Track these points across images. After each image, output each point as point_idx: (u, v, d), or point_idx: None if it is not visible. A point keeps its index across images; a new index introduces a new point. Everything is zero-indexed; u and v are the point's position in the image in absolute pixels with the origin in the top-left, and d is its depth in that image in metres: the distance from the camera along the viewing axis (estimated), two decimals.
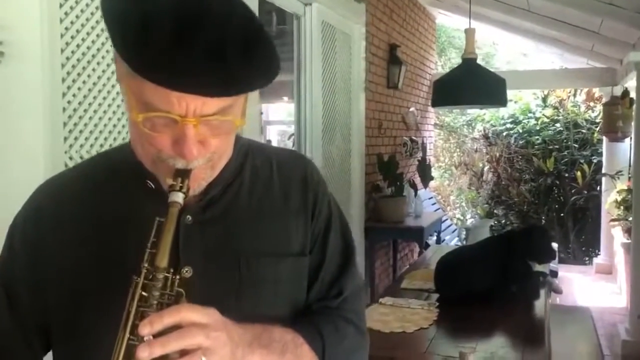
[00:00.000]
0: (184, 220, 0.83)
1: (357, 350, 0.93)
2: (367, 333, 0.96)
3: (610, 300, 5.41)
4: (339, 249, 0.93)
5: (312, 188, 0.92)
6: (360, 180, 4.35)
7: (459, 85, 2.78)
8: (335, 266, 0.92)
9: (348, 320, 0.90)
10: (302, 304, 0.90)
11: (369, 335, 0.97)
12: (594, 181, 7.10)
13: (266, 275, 0.86)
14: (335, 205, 0.96)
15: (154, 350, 0.65)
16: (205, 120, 0.73)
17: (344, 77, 4.03)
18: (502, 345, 1.93)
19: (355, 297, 0.94)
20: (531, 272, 2.53)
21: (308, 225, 0.90)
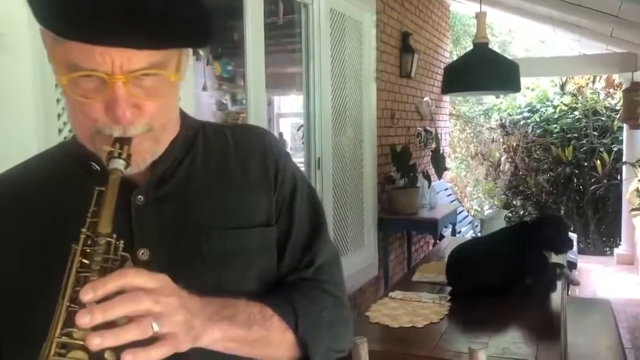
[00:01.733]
0: (135, 201, 0.81)
1: (339, 322, 0.88)
2: (349, 306, 0.92)
3: (632, 291, 5.28)
4: (307, 216, 0.90)
5: (272, 158, 0.89)
6: (373, 172, 4.27)
7: (470, 70, 2.69)
8: (304, 234, 0.89)
9: (325, 291, 0.86)
10: (273, 277, 0.87)
11: (351, 311, 0.93)
12: (614, 170, 6.94)
13: (230, 249, 0.83)
14: (299, 174, 0.93)
15: (95, 316, 0.60)
16: (135, 78, 0.71)
17: (355, 66, 3.95)
18: (515, 341, 1.85)
19: (332, 266, 0.90)
20: (547, 264, 2.44)
21: (271, 194, 0.87)
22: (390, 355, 1.73)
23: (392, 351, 1.81)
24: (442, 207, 4.91)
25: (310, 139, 3.48)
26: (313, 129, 3.47)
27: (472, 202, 8.80)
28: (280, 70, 6.00)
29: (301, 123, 3.71)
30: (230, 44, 3.62)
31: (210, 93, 6.27)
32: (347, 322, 0.91)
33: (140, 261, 0.77)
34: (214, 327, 0.70)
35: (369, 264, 4.24)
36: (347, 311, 0.91)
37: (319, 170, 3.48)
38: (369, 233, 4.23)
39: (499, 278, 2.33)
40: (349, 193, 3.89)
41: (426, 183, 4.79)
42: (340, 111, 3.71)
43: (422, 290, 2.46)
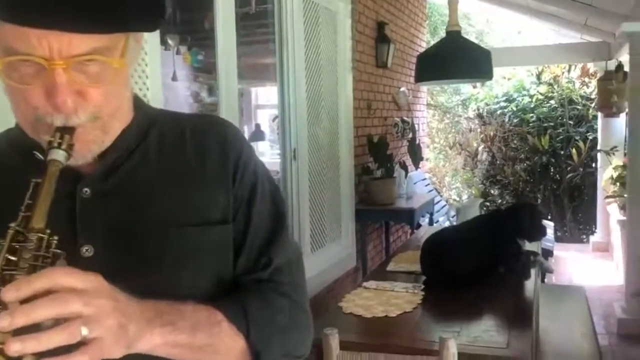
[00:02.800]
0: (80, 194, 0.76)
1: (296, 327, 0.83)
2: (308, 310, 0.87)
3: (607, 278, 5.35)
4: (267, 215, 0.85)
5: (231, 152, 0.84)
6: (350, 162, 4.25)
7: (443, 59, 2.67)
8: (263, 233, 0.84)
9: (282, 294, 0.82)
10: (228, 277, 0.82)
11: (311, 315, 0.87)
12: (590, 158, 7.02)
13: (181, 247, 0.78)
14: (262, 170, 0.88)
15: (16, 319, 0.55)
16: (78, 64, 0.67)
17: (330, 56, 3.91)
18: (487, 329, 1.85)
19: (291, 267, 0.85)
20: (521, 252, 2.45)
21: (229, 190, 0.82)
22: (362, 345, 1.71)
23: (365, 342, 1.79)
24: (419, 197, 4.91)
25: (285, 129, 3.45)
26: (288, 120, 3.44)
27: (451, 191, 8.85)
28: (256, 61, 5.94)
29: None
30: (202, 34, 3.56)
31: (186, 84, 6.20)
32: (305, 327, 0.86)
33: (83, 259, 0.72)
34: (153, 332, 0.66)
35: (347, 255, 4.23)
36: (305, 315, 0.86)
37: (294, 161, 3.45)
38: (347, 224, 4.21)
39: (472, 266, 2.33)
40: (326, 184, 3.87)
41: (403, 173, 4.79)
42: (315, 101, 3.68)
43: (397, 280, 2.45)
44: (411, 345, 1.72)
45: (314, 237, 3.67)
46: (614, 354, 3.67)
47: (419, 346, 1.69)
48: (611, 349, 3.75)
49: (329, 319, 1.98)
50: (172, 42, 3.03)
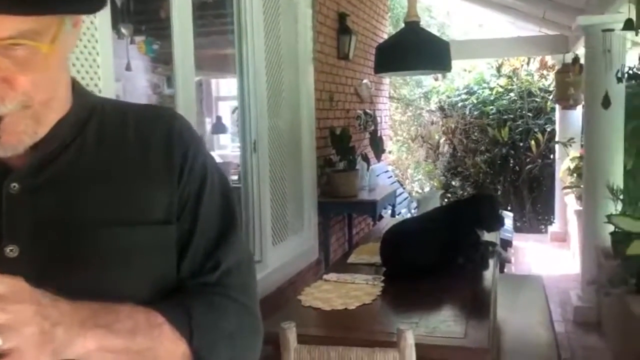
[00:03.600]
0: (7, 190, 0.71)
1: (243, 332, 0.79)
2: (258, 313, 0.83)
3: (564, 267, 5.48)
4: (216, 215, 0.80)
5: (178, 146, 0.78)
6: (312, 154, 4.23)
7: (401, 49, 2.66)
8: (211, 234, 0.79)
9: (229, 298, 0.78)
10: (171, 281, 0.77)
11: (260, 319, 0.83)
12: (548, 150, 7.16)
13: (119, 248, 0.72)
14: (212, 165, 0.83)
15: None
16: (3, 48, 0.62)
17: (290, 47, 3.87)
18: (444, 319, 1.86)
19: (240, 270, 0.81)
20: (479, 242, 2.47)
21: (174, 188, 0.77)
22: (320, 338, 1.70)
23: (323, 335, 1.78)
24: (381, 189, 4.93)
25: (245, 121, 3.40)
26: (248, 112, 3.39)
27: (414, 184, 8.92)
28: (217, 51, 5.86)
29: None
30: (157, 23, 3.48)
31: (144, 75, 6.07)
32: (254, 332, 0.82)
33: (7, 260, 0.67)
34: (86, 335, 0.61)
35: (309, 248, 4.22)
36: (254, 319, 0.82)
37: (255, 153, 3.41)
38: (309, 216, 4.19)
39: (431, 257, 2.34)
40: (288, 176, 3.83)
41: (365, 165, 4.79)
42: (276, 93, 3.64)
43: (358, 272, 2.44)
44: (369, 337, 1.71)
45: (275, 230, 3.64)
46: (570, 341, 3.76)
47: (377, 338, 1.68)
48: (567, 336, 3.83)
49: (287, 312, 1.96)
50: (126, 31, 2.94)
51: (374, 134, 4.92)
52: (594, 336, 3.83)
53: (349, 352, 1.49)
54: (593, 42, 3.83)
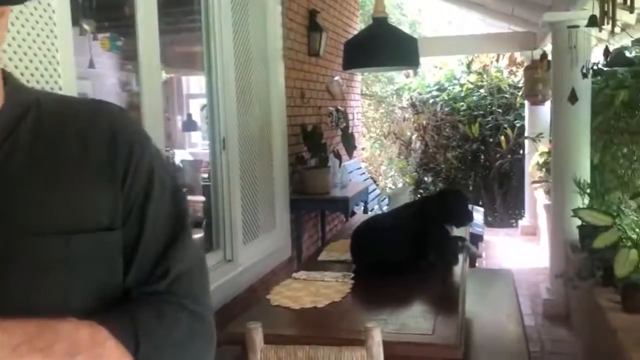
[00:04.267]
0: None
1: (195, 341, 0.75)
2: (211, 321, 0.79)
3: (534, 261, 5.56)
4: (165, 218, 0.75)
5: (122, 144, 0.72)
6: (283, 152, 4.20)
7: (369, 45, 2.65)
8: (160, 239, 0.74)
9: (180, 306, 0.73)
10: (117, 289, 0.72)
11: (213, 325, 0.79)
12: (518, 145, 7.26)
13: (55, 258, 0.66)
14: (161, 166, 0.77)
15: None
16: None
17: (260, 44, 3.83)
18: (413, 315, 1.86)
19: (192, 276, 0.76)
20: (448, 237, 2.48)
21: (118, 191, 0.71)
22: (288, 338, 1.68)
23: (291, 334, 1.76)
24: (353, 186, 4.93)
25: (214, 119, 3.35)
26: (217, 109, 3.35)
27: (387, 180, 8.96)
28: (187, 49, 5.79)
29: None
30: (122, 20, 3.41)
31: (112, 72, 5.96)
32: (206, 341, 0.77)
33: None
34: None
35: (282, 246, 4.19)
36: (207, 327, 0.77)
37: (224, 150, 3.37)
38: (281, 214, 4.16)
39: (401, 253, 2.34)
40: (259, 174, 3.80)
41: (337, 162, 4.79)
42: (245, 90, 3.60)
43: (328, 269, 2.43)
44: (338, 336, 1.69)
45: (246, 228, 3.60)
46: (539, 334, 3.81)
47: (345, 336, 1.67)
48: (537, 329, 3.89)
49: (255, 312, 1.93)
50: (88, 27, 2.87)
51: (345, 131, 4.91)
52: (563, 329, 3.89)
53: (316, 352, 1.47)
54: (559, 38, 3.88)
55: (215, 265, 3.33)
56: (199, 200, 5.61)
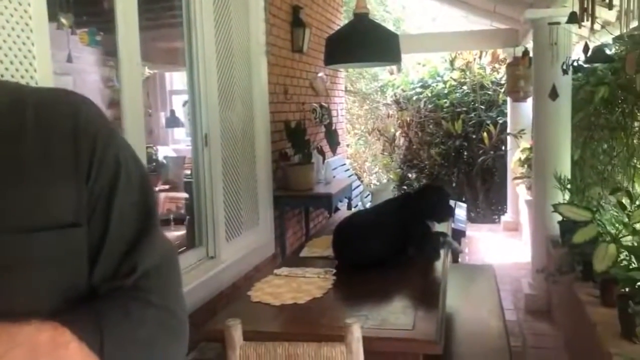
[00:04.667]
0: None
1: (164, 338, 0.73)
2: (182, 318, 0.76)
3: (516, 256, 5.60)
4: (133, 212, 0.73)
5: (86, 136, 0.69)
6: (266, 148, 4.19)
7: (350, 41, 2.64)
8: (127, 235, 0.72)
9: (148, 302, 0.71)
10: (83, 288, 0.69)
11: (185, 321, 0.77)
12: (500, 141, 7.31)
13: (14, 258, 0.64)
14: (128, 157, 0.74)
15: None
16: None
17: (242, 40, 3.81)
18: (394, 311, 1.86)
19: (161, 271, 0.74)
20: (430, 233, 2.48)
21: (82, 186, 0.69)
22: (268, 335, 1.67)
23: (272, 330, 1.75)
24: (337, 182, 4.93)
25: (196, 115, 3.33)
26: (198, 105, 3.32)
27: (371, 176, 8.98)
28: (170, 44, 5.74)
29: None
30: (101, 15, 3.37)
31: (95, 68, 5.89)
32: (178, 337, 0.75)
33: None
34: None
35: (265, 243, 4.18)
36: (178, 323, 0.75)
37: (206, 147, 3.35)
38: (264, 211, 4.15)
39: (383, 249, 2.34)
40: (241, 170, 3.78)
41: (321, 159, 4.78)
42: (228, 86, 3.58)
43: (310, 265, 2.42)
44: (318, 332, 1.69)
45: (229, 225, 3.59)
46: (521, 328, 3.84)
47: (325, 332, 1.66)
48: (519, 324, 3.92)
49: (235, 309, 1.92)
50: (66, 21, 2.83)
51: (329, 127, 4.91)
52: (544, 323, 3.93)
53: (295, 348, 1.47)
54: (540, 35, 3.91)
55: (197, 262, 3.31)
56: (182, 197, 5.58)
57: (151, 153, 6.29)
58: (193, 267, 3.24)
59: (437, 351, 1.66)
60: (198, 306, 3.07)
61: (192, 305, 3.01)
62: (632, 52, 2.38)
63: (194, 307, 3.03)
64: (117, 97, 4.81)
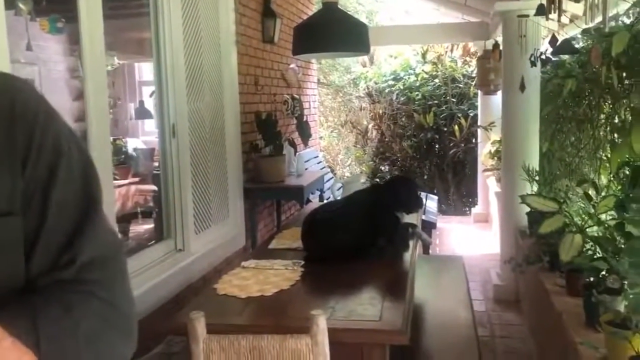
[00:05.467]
0: None
1: (108, 333, 0.69)
2: (128, 312, 0.73)
3: (486, 247, 5.66)
4: (73, 201, 0.69)
5: (22, 120, 0.66)
6: (236, 139, 4.14)
7: (318, 30, 2.61)
8: (67, 224, 0.68)
9: (91, 295, 0.67)
10: (19, 280, 0.66)
11: (132, 316, 0.74)
12: (471, 134, 7.37)
13: None
14: (69, 142, 0.71)
15: None
16: None
17: (211, 29, 3.75)
18: (361, 302, 1.85)
19: (105, 263, 0.71)
20: (399, 224, 2.48)
21: (17, 173, 0.65)
22: (233, 327, 1.65)
23: (237, 323, 1.73)
24: (309, 175, 4.91)
25: (163, 105, 3.27)
26: (166, 94, 3.27)
27: (345, 169, 8.98)
28: (139, 35, 5.63)
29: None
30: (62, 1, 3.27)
31: (63, 58, 5.74)
32: (123, 332, 0.72)
33: None
34: None
35: (236, 235, 4.14)
36: (123, 318, 0.71)
37: (174, 138, 3.29)
38: (234, 203, 4.11)
39: (352, 240, 2.33)
40: (211, 162, 3.73)
41: (292, 151, 4.75)
42: (196, 76, 3.52)
43: (279, 257, 2.40)
44: (284, 324, 1.67)
45: (198, 217, 3.54)
46: (490, 319, 3.89)
47: (291, 324, 1.64)
48: (487, 314, 3.96)
49: (200, 302, 1.89)
50: (24, 7, 2.74)
51: (300, 119, 4.88)
52: (512, 313, 3.98)
53: (260, 341, 1.44)
54: (510, 28, 3.94)
55: (165, 254, 3.26)
56: (151, 189, 5.50)
57: (120, 145, 6.18)
58: (161, 260, 3.18)
59: (404, 341, 1.65)
60: (166, 299, 3.02)
61: (161, 299, 2.97)
62: (597, 45, 2.40)
63: (163, 301, 2.98)
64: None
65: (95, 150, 2.57)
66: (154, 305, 2.89)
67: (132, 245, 4.50)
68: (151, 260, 3.07)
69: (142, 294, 2.78)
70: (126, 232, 4.99)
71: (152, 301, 2.87)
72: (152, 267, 3.04)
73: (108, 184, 2.69)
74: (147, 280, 2.89)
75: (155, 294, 2.91)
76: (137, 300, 0.73)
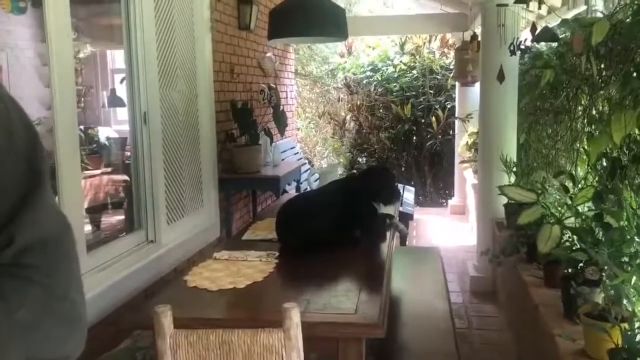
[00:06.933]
0: None
1: (49, 321, 0.64)
2: (74, 299, 0.67)
3: (463, 239, 5.66)
4: (14, 177, 0.64)
5: None
6: (211, 128, 4.04)
7: (294, 14, 2.54)
8: (5, 205, 0.63)
9: (29, 280, 0.62)
10: None
11: (79, 303, 0.68)
12: (448, 126, 7.35)
13: None
14: (14, 120, 0.65)
15: None
16: None
17: (185, 15, 3.65)
18: (336, 294, 1.79)
19: (47, 246, 0.65)
20: (375, 215, 2.43)
21: None
22: (203, 321, 1.58)
23: (207, 317, 1.65)
24: (285, 165, 4.84)
25: (134, 92, 3.17)
26: (137, 81, 3.16)
27: (322, 161, 8.91)
28: (111, 21, 5.47)
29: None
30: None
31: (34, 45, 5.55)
32: (66, 322, 0.67)
33: None
34: None
35: (210, 225, 4.05)
36: (67, 304, 0.66)
37: (145, 125, 3.19)
38: (208, 193, 4.02)
39: (328, 230, 2.27)
40: (184, 150, 3.63)
41: (268, 140, 4.67)
42: (168, 63, 3.41)
43: (253, 249, 2.33)
44: (256, 317, 1.60)
45: (170, 207, 3.45)
46: (467, 310, 3.87)
47: (264, 318, 1.58)
48: (464, 306, 3.94)
49: (169, 294, 1.82)
50: None
51: (276, 109, 4.79)
52: (489, 304, 3.97)
53: (230, 335, 1.37)
54: (489, 17, 3.90)
55: (136, 246, 3.17)
56: (122, 179, 5.37)
57: (92, 134, 6.02)
58: (132, 251, 3.09)
59: (380, 335, 1.60)
60: (136, 292, 2.94)
61: (131, 291, 2.88)
62: (579, 32, 2.37)
63: (133, 293, 2.90)
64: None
65: (61, 140, 2.46)
66: (123, 299, 2.80)
67: (102, 237, 4.37)
68: (121, 252, 2.98)
69: (111, 286, 2.69)
70: (97, 223, 4.86)
71: (121, 294, 2.78)
72: (122, 259, 2.94)
73: (76, 176, 2.58)
74: (116, 273, 2.80)
75: (125, 287, 2.82)
76: (106, 293, 0.66)
